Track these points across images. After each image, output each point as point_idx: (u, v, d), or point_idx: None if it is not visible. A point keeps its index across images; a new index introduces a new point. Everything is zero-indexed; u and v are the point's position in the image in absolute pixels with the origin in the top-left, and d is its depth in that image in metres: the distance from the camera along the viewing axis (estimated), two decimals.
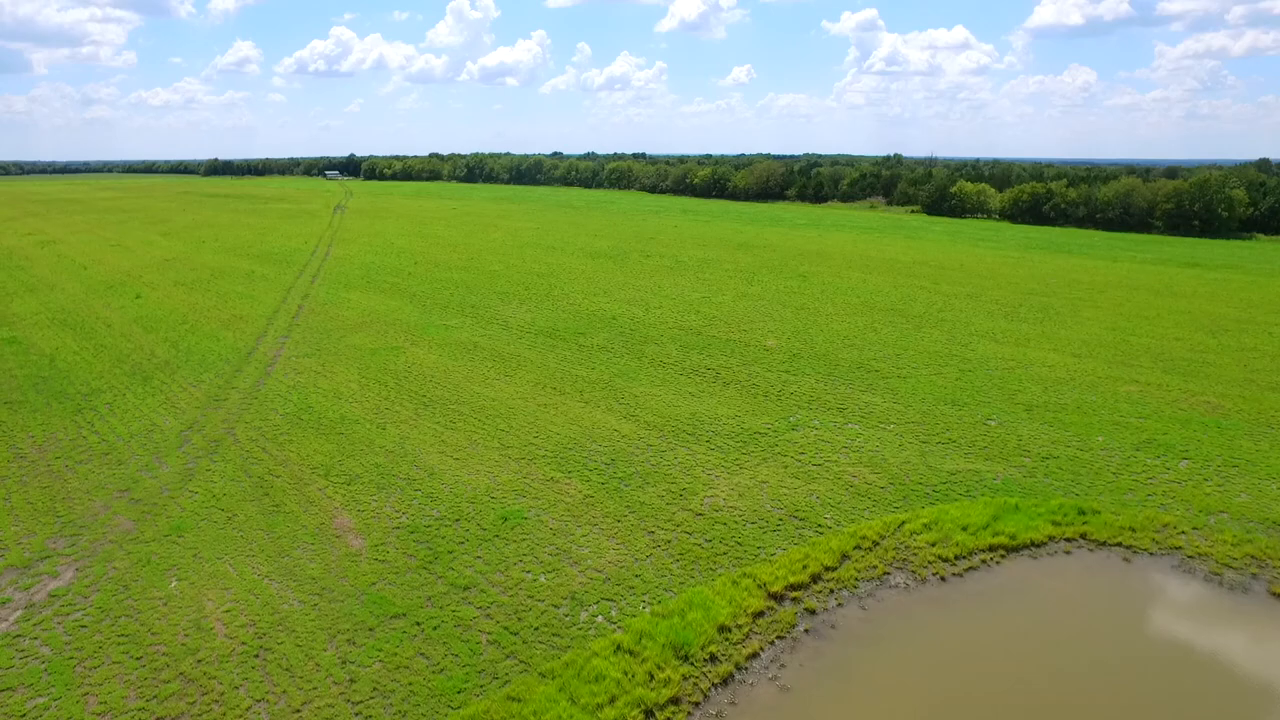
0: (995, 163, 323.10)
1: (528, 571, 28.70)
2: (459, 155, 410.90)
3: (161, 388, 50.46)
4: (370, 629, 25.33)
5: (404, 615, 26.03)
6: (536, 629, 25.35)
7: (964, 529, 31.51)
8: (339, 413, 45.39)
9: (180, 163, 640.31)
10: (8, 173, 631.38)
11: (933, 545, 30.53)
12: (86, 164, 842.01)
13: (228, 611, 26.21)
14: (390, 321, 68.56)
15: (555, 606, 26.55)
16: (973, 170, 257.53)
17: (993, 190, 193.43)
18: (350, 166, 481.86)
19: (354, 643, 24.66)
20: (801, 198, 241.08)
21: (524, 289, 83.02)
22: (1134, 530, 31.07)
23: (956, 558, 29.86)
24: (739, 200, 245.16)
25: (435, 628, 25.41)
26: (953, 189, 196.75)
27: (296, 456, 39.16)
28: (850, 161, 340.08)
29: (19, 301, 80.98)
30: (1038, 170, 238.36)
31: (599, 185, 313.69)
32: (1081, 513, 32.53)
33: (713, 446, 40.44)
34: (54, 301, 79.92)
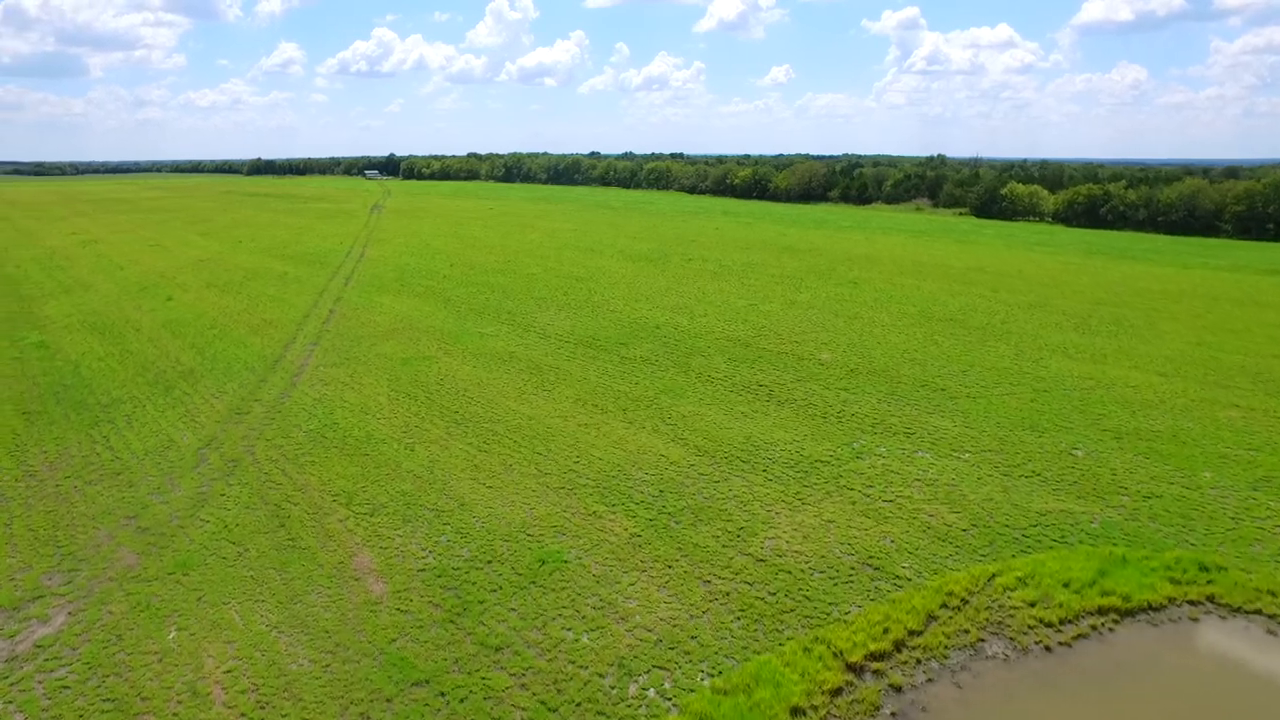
0: (1044, 163, 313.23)
1: (568, 629, 25.22)
2: (497, 155, 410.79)
3: (183, 399, 48.00)
4: (388, 699, 22.05)
5: (427, 683, 22.70)
6: (578, 705, 21.85)
7: (1066, 585, 27.39)
8: (365, 430, 42.41)
9: (225, 162, 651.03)
10: (64, 173, 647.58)
11: (1031, 605, 26.46)
12: (137, 164, 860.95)
13: (228, 672, 23.11)
14: (423, 328, 65.74)
15: (600, 675, 23.03)
16: (1022, 171, 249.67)
17: (1045, 192, 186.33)
18: (389, 166, 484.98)
19: (368, 718, 21.38)
20: (844, 199, 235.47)
21: (562, 294, 79.82)
22: (1274, 594, 26.65)
23: (1061, 622, 25.77)
24: (780, 201, 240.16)
25: (462, 700, 22.05)
26: (1003, 191, 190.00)
27: (317, 481, 36.18)
28: (892, 162, 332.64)
29: (54, 303, 79.81)
30: (1091, 171, 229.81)
31: (637, 185, 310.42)
32: (1204, 569, 28.19)
33: (770, 476, 36.66)
34: (87, 303, 78.57)
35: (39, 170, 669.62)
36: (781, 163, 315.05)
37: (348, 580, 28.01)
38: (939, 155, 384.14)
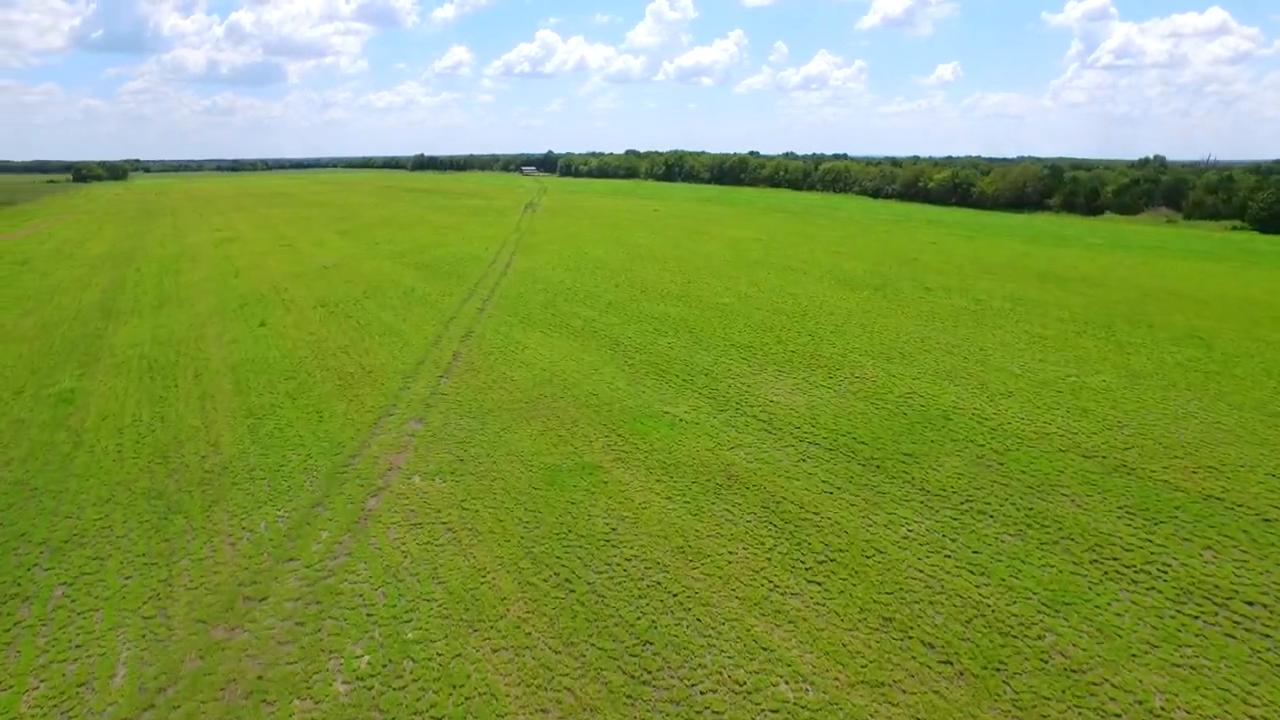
0: None
1: None
2: (657, 153, 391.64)
3: (176, 544, 27.97)
4: None
5: None
6: None
7: None
8: (461, 697, 20.36)
9: (393, 158, 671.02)
10: (254, 169, 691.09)
11: None
12: (317, 160, 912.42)
13: None
14: (582, 397, 43.85)
15: None
16: None
17: None
18: (547, 163, 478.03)
19: None
20: (1067, 207, 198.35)
21: (775, 340, 55.95)
22: None
23: None
24: (986, 209, 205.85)
25: None
26: None
27: None
28: (1076, 165, 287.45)
29: (134, 324, 64.51)
30: None
31: (810, 187, 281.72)
32: None
33: None
34: (167, 328, 62.45)
35: (235, 167, 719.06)
36: (958, 164, 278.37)
37: None
38: (1157, 157, 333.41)
